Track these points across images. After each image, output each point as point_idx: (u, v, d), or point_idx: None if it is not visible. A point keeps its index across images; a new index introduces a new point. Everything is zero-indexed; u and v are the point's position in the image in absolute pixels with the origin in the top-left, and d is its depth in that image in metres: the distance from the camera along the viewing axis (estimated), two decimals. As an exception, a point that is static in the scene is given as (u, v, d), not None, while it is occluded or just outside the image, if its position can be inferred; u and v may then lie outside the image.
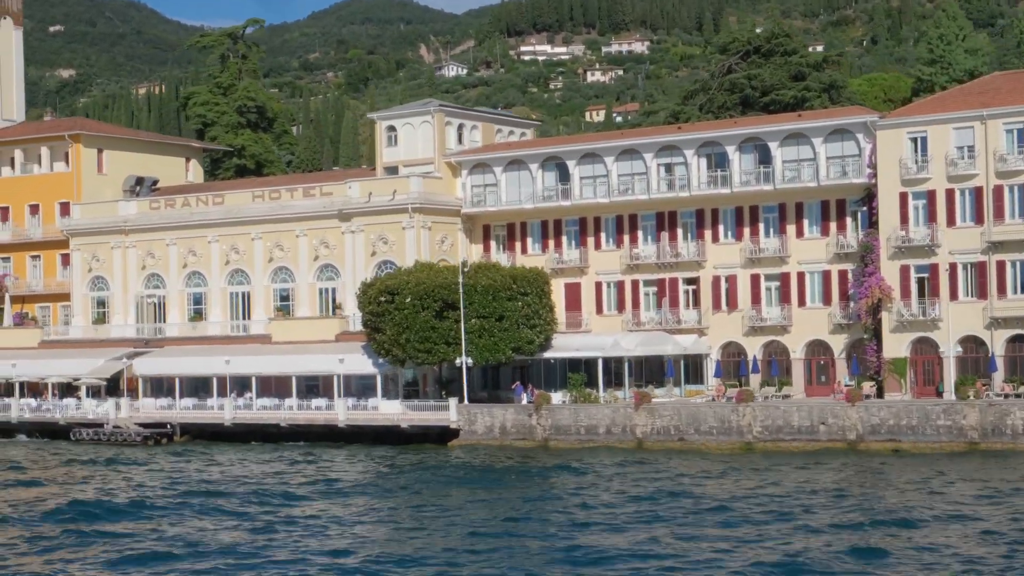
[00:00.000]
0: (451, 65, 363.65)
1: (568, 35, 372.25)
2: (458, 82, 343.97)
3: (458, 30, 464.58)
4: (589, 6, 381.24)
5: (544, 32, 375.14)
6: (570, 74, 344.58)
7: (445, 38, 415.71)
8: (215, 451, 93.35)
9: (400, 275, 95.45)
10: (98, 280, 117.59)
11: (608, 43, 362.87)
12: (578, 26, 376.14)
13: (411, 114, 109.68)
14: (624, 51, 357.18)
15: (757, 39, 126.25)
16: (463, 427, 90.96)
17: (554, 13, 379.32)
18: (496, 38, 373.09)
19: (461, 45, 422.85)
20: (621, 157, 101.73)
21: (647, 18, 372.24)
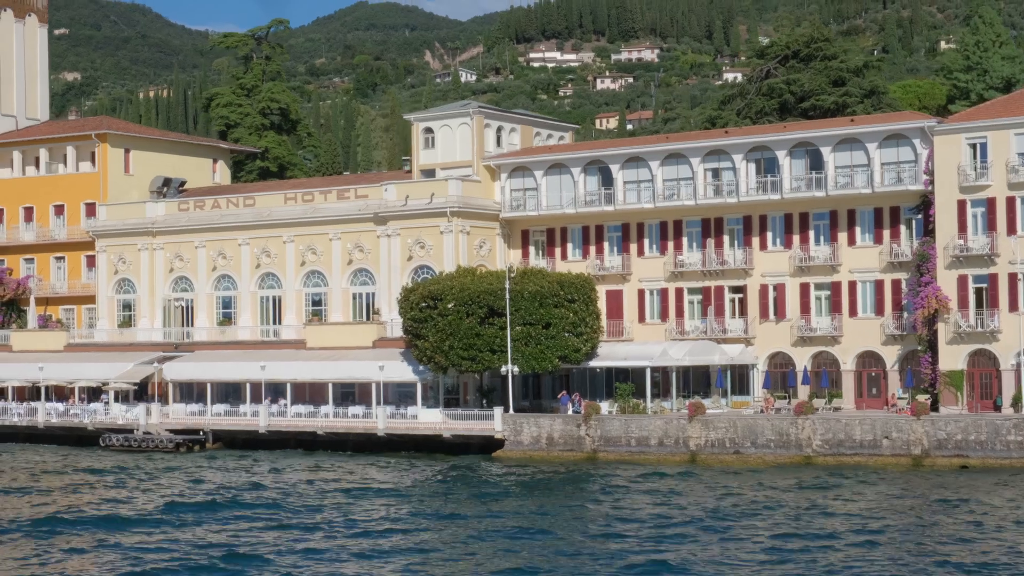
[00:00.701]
0: (460, 71, 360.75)
1: (577, 42, 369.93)
2: (467, 88, 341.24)
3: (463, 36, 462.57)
4: (598, 13, 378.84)
5: (553, 39, 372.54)
6: (580, 81, 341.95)
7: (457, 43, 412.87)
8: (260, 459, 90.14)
9: (443, 280, 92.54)
10: (124, 282, 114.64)
11: (618, 50, 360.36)
12: (587, 33, 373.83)
13: (449, 116, 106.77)
14: (634, 59, 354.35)
15: (796, 43, 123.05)
16: (508, 437, 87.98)
17: (563, 20, 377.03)
18: (505, 44, 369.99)
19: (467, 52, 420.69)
20: (667, 161, 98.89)
21: (656, 26, 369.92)
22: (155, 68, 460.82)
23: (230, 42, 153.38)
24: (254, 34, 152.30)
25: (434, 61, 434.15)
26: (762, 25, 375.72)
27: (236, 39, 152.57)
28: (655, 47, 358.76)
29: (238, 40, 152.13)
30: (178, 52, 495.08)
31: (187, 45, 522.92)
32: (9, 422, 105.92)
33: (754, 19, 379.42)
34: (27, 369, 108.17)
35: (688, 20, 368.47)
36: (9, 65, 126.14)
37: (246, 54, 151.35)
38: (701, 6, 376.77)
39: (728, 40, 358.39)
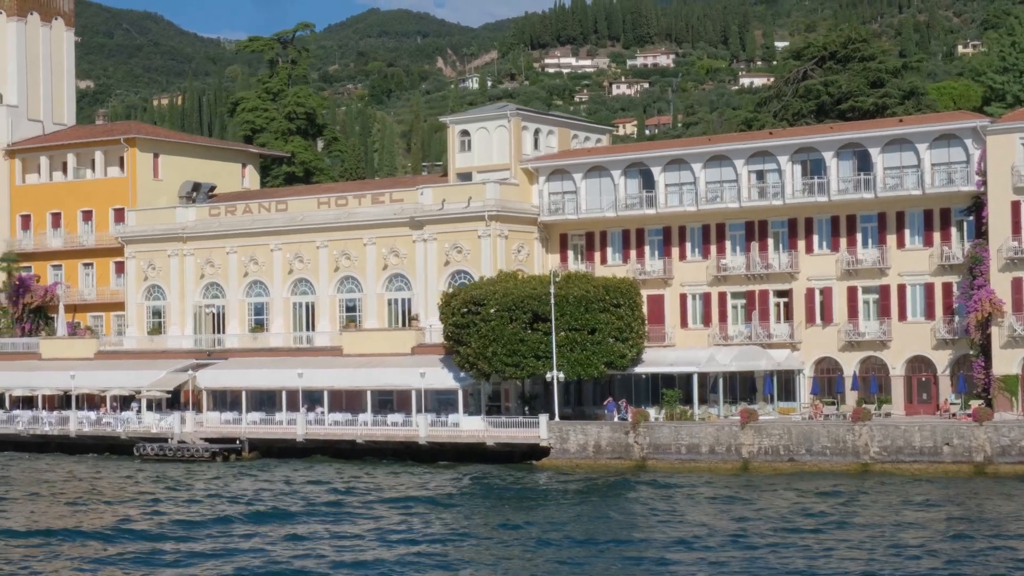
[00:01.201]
0: (475, 77, 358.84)
1: (592, 48, 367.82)
2: (483, 94, 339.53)
3: (475, 43, 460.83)
4: (613, 19, 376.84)
5: (568, 45, 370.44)
6: (595, 87, 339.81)
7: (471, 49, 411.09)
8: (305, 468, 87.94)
9: (484, 285, 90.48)
10: (154, 289, 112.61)
11: (633, 56, 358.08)
12: (602, 39, 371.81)
13: (486, 118, 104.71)
14: (649, 64, 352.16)
15: (833, 44, 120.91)
16: (554, 445, 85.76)
17: (578, 26, 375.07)
18: (520, 50, 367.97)
19: (479, 59, 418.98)
20: (710, 163, 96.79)
21: (672, 31, 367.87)
22: (167, 76, 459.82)
23: (256, 46, 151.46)
24: (279, 38, 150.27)
25: (447, 68, 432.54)
26: (777, 30, 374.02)
27: (262, 43, 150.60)
28: (670, 52, 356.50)
29: (263, 44, 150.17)
30: (190, 60, 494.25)
31: (199, 53, 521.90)
32: (41, 431, 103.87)
33: (769, 24, 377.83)
34: (58, 377, 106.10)
35: (703, 25, 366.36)
36: (36, 69, 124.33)
37: (271, 58, 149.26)
38: (716, 11, 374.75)
39: (744, 45, 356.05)
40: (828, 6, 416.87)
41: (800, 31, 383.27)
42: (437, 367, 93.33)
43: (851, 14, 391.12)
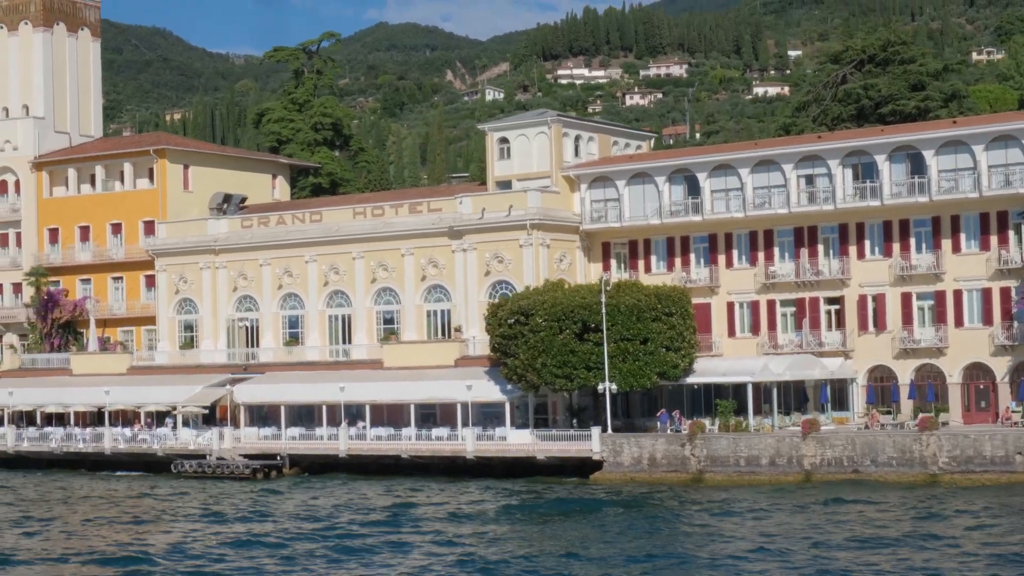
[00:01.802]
0: (488, 89, 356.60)
1: (605, 59, 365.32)
2: (495, 106, 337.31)
3: (484, 56, 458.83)
4: (625, 30, 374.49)
5: (580, 56, 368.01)
6: (608, 97, 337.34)
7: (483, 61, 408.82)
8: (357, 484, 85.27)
9: (532, 295, 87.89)
10: (186, 302, 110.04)
11: (646, 66, 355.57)
12: (615, 49, 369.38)
13: (526, 125, 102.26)
14: (662, 74, 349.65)
15: (872, 48, 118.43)
16: (607, 458, 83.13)
17: (590, 37, 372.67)
18: (532, 62, 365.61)
19: (488, 71, 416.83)
20: (757, 168, 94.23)
21: (684, 41, 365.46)
22: (177, 91, 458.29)
23: (280, 56, 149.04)
24: (304, 48, 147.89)
25: (456, 80, 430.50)
26: (790, 39, 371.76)
27: (287, 53, 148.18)
28: (683, 62, 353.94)
29: (288, 54, 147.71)
30: (199, 75, 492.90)
31: (208, 68, 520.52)
32: (74, 448, 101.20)
33: (782, 33, 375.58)
34: (92, 393, 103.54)
35: (716, 35, 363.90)
36: (62, 80, 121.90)
37: (297, 68, 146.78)
38: (729, 21, 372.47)
39: (757, 55, 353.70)
40: (838, 15, 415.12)
41: (812, 40, 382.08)
42: (483, 379, 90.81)
43: (861, 22, 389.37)
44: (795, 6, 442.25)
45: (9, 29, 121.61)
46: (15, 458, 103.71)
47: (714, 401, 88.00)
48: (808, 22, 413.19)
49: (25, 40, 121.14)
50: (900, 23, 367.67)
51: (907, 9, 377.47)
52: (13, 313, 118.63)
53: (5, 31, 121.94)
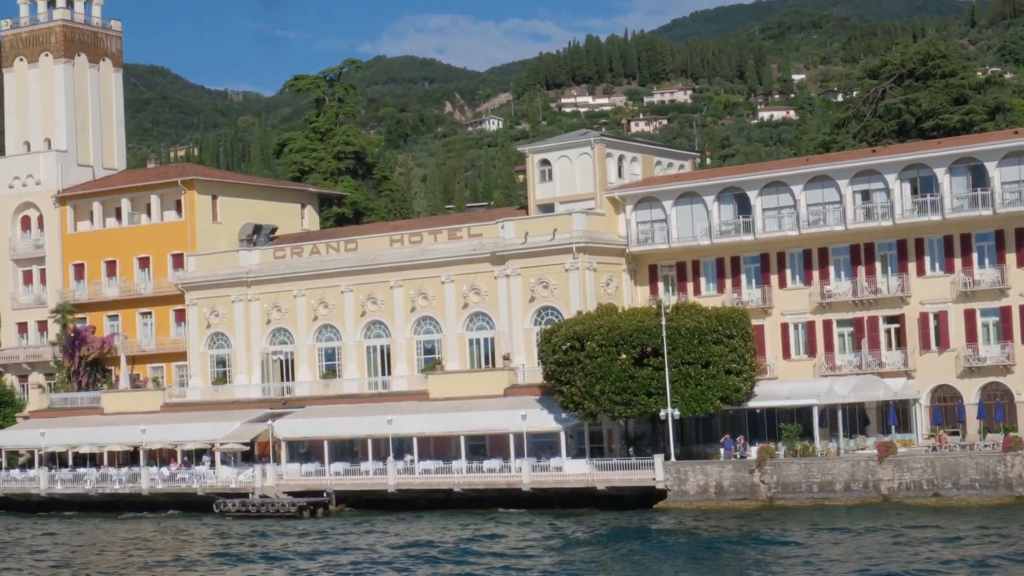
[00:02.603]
0: (491, 119, 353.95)
1: (608, 86, 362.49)
2: (500, 135, 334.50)
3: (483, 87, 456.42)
4: (628, 57, 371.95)
5: (584, 84, 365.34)
6: (613, 125, 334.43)
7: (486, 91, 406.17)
8: (413, 520, 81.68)
9: (587, 319, 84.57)
10: (218, 337, 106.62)
11: (650, 93, 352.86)
12: (618, 77, 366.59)
13: (568, 146, 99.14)
14: (667, 100, 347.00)
15: (911, 61, 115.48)
16: (671, 487, 79.66)
17: (593, 65, 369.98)
18: (536, 91, 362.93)
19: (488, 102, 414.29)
20: (810, 185, 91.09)
21: (687, 67, 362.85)
22: (177, 128, 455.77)
23: (301, 84, 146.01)
24: (325, 76, 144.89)
25: (456, 111, 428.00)
26: (793, 64, 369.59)
27: (307, 81, 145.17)
28: (687, 88, 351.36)
29: (309, 82, 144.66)
30: (198, 112, 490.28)
31: (207, 105, 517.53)
32: (110, 489, 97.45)
33: (785, 57, 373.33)
34: (127, 432, 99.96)
35: (718, 61, 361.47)
36: (84, 113, 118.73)
37: (318, 97, 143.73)
38: (731, 47, 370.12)
39: (760, 79, 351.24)
40: (836, 39, 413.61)
41: (815, 64, 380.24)
42: (535, 409, 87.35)
43: (862, 45, 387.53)
44: (793, 31, 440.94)
45: (29, 61, 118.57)
46: (47, 501, 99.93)
47: (778, 425, 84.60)
48: (807, 46, 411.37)
49: (46, 72, 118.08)
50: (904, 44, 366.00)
51: (908, 31, 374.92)
52: (39, 352, 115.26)
53: (25, 63, 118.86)
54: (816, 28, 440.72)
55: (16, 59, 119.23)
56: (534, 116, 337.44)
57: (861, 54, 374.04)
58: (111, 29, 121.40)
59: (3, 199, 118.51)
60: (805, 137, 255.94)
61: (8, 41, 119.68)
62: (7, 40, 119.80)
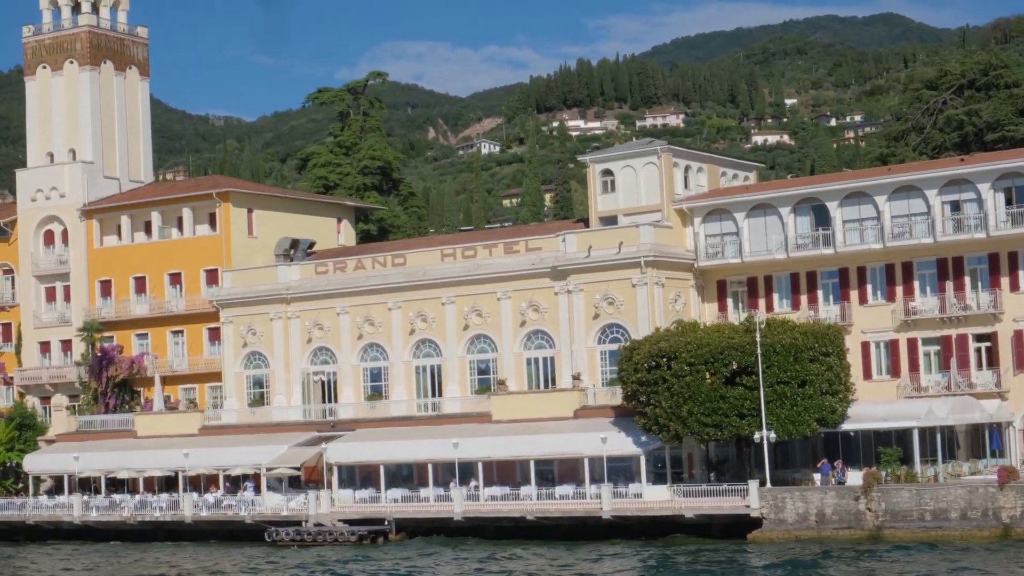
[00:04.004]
0: (484, 142, 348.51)
1: (600, 110, 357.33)
2: (492, 159, 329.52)
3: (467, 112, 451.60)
4: (620, 81, 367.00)
5: (575, 107, 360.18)
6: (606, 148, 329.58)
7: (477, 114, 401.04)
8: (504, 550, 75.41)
9: (672, 336, 78.53)
10: (255, 356, 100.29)
11: (642, 117, 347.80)
12: (609, 101, 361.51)
13: (632, 155, 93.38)
14: (659, 124, 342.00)
15: (971, 72, 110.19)
16: (767, 515, 73.58)
17: (584, 89, 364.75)
18: (529, 114, 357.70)
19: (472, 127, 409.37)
20: (895, 196, 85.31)
21: (679, 91, 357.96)
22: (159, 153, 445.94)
23: (325, 97, 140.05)
24: (350, 88, 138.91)
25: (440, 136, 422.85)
26: (784, 88, 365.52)
27: (331, 94, 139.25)
28: (679, 113, 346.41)
29: (333, 95, 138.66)
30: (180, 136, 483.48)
31: (188, 130, 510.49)
32: (149, 516, 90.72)
33: (777, 81, 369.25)
34: (168, 456, 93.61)
35: (710, 85, 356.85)
36: (111, 123, 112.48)
37: (342, 110, 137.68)
38: (723, 71, 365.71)
39: (753, 103, 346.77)
40: (821, 65, 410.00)
41: (806, 89, 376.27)
42: (611, 431, 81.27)
43: (852, 71, 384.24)
44: (778, 56, 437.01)
45: (53, 69, 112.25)
46: (81, 529, 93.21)
47: (876, 449, 78.69)
48: (792, 71, 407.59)
49: (71, 80, 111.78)
50: (895, 70, 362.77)
51: (899, 57, 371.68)
52: (63, 372, 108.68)
53: (49, 71, 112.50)
54: (801, 54, 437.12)
55: (39, 67, 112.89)
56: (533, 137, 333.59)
57: (852, 79, 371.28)
58: (138, 36, 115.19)
59: (25, 212, 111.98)
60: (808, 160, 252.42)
61: (31, 48, 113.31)
62: (30, 47, 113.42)
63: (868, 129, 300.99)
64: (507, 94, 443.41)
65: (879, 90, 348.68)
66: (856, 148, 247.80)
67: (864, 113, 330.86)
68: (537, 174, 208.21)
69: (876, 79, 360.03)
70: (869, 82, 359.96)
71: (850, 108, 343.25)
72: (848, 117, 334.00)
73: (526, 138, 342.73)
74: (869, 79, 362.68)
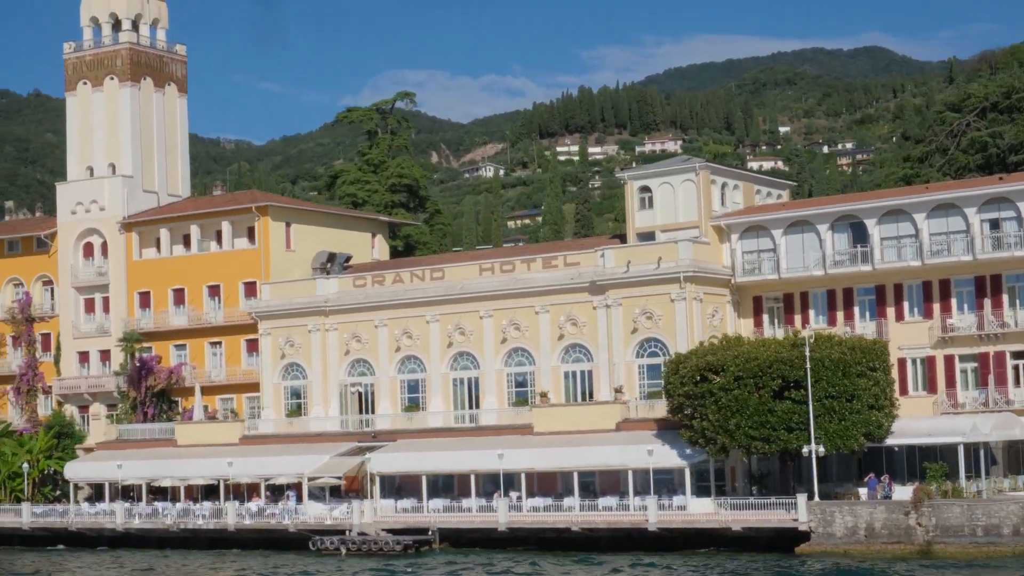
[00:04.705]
0: (487, 166, 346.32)
1: (601, 135, 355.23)
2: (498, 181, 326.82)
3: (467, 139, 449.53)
4: (619, 108, 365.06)
5: (576, 133, 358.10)
6: (606, 173, 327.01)
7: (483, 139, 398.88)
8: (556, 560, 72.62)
9: (719, 350, 75.78)
10: (292, 367, 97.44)
11: (641, 143, 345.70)
12: (609, 127, 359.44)
13: (671, 172, 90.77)
14: (657, 150, 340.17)
15: (994, 95, 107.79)
16: (816, 529, 70.71)
17: (586, 115, 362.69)
18: (532, 139, 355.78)
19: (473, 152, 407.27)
20: (934, 213, 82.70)
21: (677, 119, 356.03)
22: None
23: (354, 116, 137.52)
24: (379, 108, 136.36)
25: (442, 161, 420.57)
26: (779, 116, 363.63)
27: (360, 113, 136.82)
28: (677, 139, 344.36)
29: (363, 114, 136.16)
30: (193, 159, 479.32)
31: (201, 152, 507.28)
32: (192, 524, 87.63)
33: (771, 110, 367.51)
34: (211, 465, 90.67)
35: (707, 112, 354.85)
36: (150, 138, 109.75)
37: (371, 129, 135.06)
38: (719, 99, 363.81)
39: (748, 131, 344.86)
40: (811, 96, 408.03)
41: (799, 117, 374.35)
42: (655, 444, 78.42)
43: (842, 100, 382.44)
44: (768, 87, 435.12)
45: (94, 85, 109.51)
46: (122, 536, 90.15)
47: (922, 464, 75.96)
48: (782, 101, 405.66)
49: (111, 96, 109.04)
50: (885, 100, 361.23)
51: (888, 88, 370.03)
52: (101, 382, 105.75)
53: (89, 87, 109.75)
54: (791, 84, 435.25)
55: (80, 82, 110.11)
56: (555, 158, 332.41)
57: (843, 108, 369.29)
58: (176, 54, 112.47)
59: (65, 225, 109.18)
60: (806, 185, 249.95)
61: (72, 64, 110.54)
62: (70, 63, 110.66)
63: (860, 156, 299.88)
64: (506, 120, 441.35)
65: (869, 119, 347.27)
66: (853, 175, 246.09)
67: (855, 141, 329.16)
68: (558, 193, 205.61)
69: (866, 108, 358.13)
70: (859, 111, 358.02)
71: (841, 136, 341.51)
72: (840, 144, 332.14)
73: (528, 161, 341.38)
74: (859, 108, 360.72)
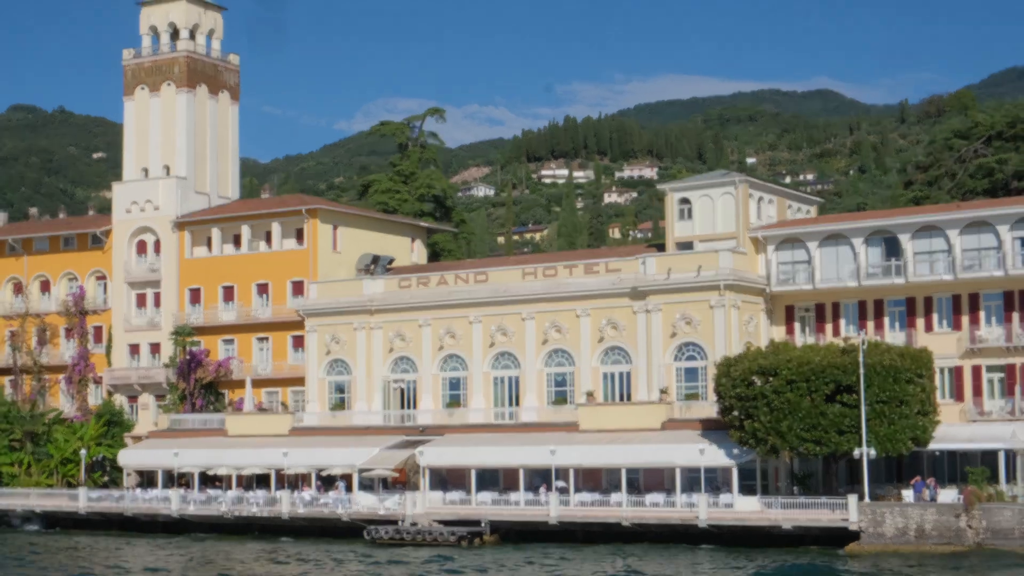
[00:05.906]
0: (479, 187, 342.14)
1: (584, 161, 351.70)
2: (488, 201, 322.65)
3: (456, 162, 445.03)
4: (601, 136, 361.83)
5: (561, 158, 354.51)
6: (589, 195, 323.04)
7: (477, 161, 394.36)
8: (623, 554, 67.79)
9: (771, 353, 71.39)
10: (337, 363, 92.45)
11: (620, 168, 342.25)
12: (591, 153, 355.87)
13: (710, 185, 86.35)
14: (636, 176, 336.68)
15: (1000, 123, 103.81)
16: (866, 529, 66.20)
17: (570, 142, 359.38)
18: (521, 162, 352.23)
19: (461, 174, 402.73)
20: (967, 230, 78.46)
21: (653, 147, 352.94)
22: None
23: (387, 130, 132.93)
24: (410, 123, 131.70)
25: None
26: (746, 148, 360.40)
27: (393, 127, 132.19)
28: (654, 166, 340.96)
29: (395, 128, 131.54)
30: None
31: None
32: (246, 512, 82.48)
33: (742, 140, 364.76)
34: (264, 455, 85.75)
35: (680, 142, 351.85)
36: (203, 142, 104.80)
37: (402, 142, 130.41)
38: (691, 132, 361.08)
39: (719, 159, 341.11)
40: (771, 131, 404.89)
41: (764, 149, 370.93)
42: (701, 443, 73.80)
43: (802, 136, 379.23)
44: (732, 123, 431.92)
45: (151, 90, 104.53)
46: (177, 522, 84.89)
47: (964, 469, 71.59)
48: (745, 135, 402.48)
49: (167, 101, 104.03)
50: (842, 137, 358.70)
51: (845, 125, 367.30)
52: (151, 374, 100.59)
53: (147, 92, 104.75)
54: (752, 121, 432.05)
55: (138, 88, 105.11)
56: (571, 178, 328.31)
57: (803, 143, 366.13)
58: (229, 63, 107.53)
59: (120, 223, 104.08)
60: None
61: (131, 71, 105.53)
62: (129, 69, 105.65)
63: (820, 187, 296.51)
64: (490, 147, 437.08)
65: (828, 153, 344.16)
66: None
67: (817, 172, 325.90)
68: (573, 208, 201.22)
69: (824, 143, 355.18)
70: (819, 146, 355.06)
71: (803, 168, 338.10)
72: (801, 176, 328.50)
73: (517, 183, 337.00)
74: (818, 143, 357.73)
